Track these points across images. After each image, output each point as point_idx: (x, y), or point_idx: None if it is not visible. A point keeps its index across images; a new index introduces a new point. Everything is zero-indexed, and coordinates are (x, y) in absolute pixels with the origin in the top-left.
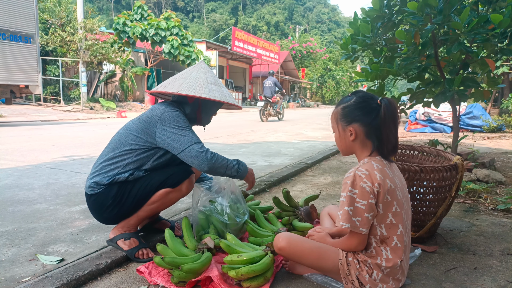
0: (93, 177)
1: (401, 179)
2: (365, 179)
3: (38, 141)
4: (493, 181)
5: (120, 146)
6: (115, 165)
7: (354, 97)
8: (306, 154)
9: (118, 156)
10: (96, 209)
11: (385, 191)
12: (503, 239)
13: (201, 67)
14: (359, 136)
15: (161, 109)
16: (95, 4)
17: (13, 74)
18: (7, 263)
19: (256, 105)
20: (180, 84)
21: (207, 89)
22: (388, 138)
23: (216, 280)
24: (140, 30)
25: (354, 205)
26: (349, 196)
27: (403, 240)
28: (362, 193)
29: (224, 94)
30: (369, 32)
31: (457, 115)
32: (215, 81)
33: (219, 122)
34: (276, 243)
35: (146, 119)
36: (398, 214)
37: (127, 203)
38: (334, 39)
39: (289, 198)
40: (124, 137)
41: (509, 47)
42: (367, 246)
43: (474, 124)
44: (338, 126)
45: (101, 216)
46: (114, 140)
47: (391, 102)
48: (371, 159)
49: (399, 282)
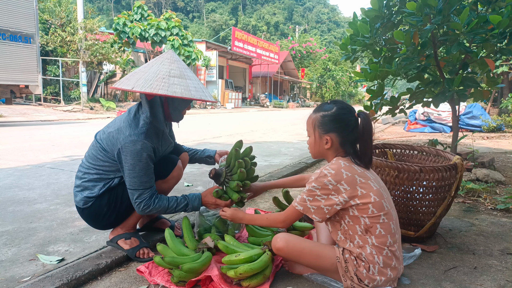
0: (82, 191)
1: (372, 173)
2: (330, 178)
3: (38, 141)
4: (493, 180)
5: (98, 160)
6: (99, 175)
7: (334, 107)
8: (306, 154)
9: (100, 168)
10: (93, 219)
11: (354, 186)
12: (502, 238)
13: (166, 57)
14: (334, 145)
15: (123, 139)
16: (95, 4)
17: (13, 74)
18: (7, 263)
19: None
20: (137, 79)
21: (167, 83)
22: (365, 152)
23: (216, 279)
24: (140, 31)
25: (314, 197)
26: (310, 189)
27: (388, 228)
28: (323, 189)
29: (189, 88)
30: (368, 33)
31: (456, 115)
32: (180, 72)
33: (219, 122)
34: (274, 244)
35: (112, 140)
36: (378, 204)
37: (122, 206)
38: (333, 39)
39: (289, 198)
40: (99, 152)
41: (509, 47)
42: (350, 236)
43: (474, 124)
44: (315, 132)
45: (99, 224)
46: (91, 155)
47: (368, 116)
48: (339, 158)
49: (397, 271)
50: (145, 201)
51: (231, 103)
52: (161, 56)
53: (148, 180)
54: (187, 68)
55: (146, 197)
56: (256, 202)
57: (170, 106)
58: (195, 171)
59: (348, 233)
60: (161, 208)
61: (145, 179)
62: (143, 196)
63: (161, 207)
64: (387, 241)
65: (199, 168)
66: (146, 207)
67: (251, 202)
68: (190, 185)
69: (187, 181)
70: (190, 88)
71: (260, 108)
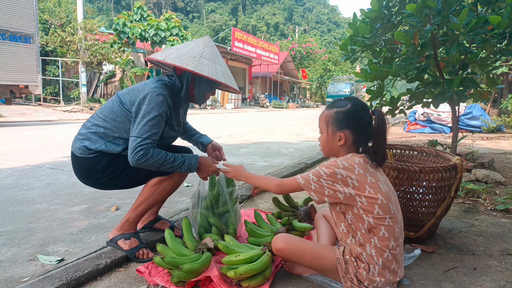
0: (83, 140)
1: (383, 174)
2: (341, 169)
3: (38, 141)
4: (492, 181)
5: (112, 113)
6: (106, 133)
7: (349, 103)
8: (305, 154)
9: (110, 127)
10: (83, 173)
11: (363, 184)
12: (502, 239)
13: (202, 41)
14: (347, 142)
15: (149, 89)
16: (95, 5)
17: (13, 74)
18: (7, 263)
19: (255, 106)
20: (170, 53)
21: (197, 62)
22: (379, 150)
23: (216, 280)
24: (140, 31)
25: (319, 179)
26: (318, 171)
27: (392, 231)
28: (331, 176)
29: (217, 71)
30: (368, 33)
31: (456, 115)
32: (212, 57)
33: (219, 123)
34: (274, 244)
35: (135, 92)
36: (385, 206)
37: (117, 179)
38: (333, 40)
39: (289, 198)
40: (116, 105)
41: (508, 47)
42: (353, 231)
43: (473, 125)
44: (328, 129)
45: (87, 180)
46: (107, 107)
47: (383, 114)
48: (354, 154)
49: (396, 275)
50: (145, 149)
51: (231, 103)
52: (197, 39)
53: (155, 133)
54: (219, 55)
55: (147, 145)
56: (256, 203)
57: (195, 87)
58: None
59: (351, 227)
60: (158, 157)
61: (154, 131)
62: (145, 143)
63: (159, 157)
64: (389, 244)
65: None
66: (144, 155)
67: (250, 202)
68: (190, 186)
69: (186, 181)
70: (217, 72)
71: (260, 109)
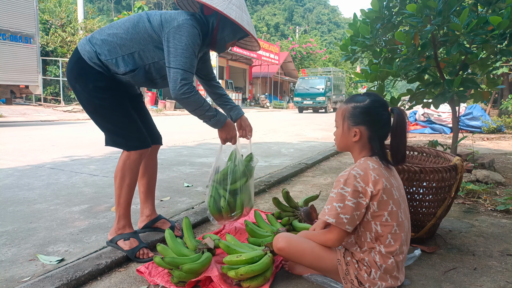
0: (96, 45)
1: (397, 179)
2: (359, 179)
3: (38, 141)
4: (493, 182)
5: (135, 27)
6: (123, 45)
7: (367, 99)
8: (306, 154)
9: (129, 39)
10: (75, 77)
11: (380, 190)
12: (502, 239)
13: None
14: (363, 138)
15: (183, 19)
16: (95, 5)
17: (13, 74)
18: (7, 263)
19: (256, 106)
20: None
21: (226, 5)
22: (399, 148)
23: (216, 280)
24: None
25: (345, 203)
26: (340, 193)
27: (399, 239)
28: (353, 192)
29: (243, 19)
30: (368, 34)
31: (456, 116)
32: (240, 4)
33: None
34: (276, 244)
35: (167, 17)
36: (394, 213)
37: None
38: (334, 40)
39: (289, 198)
40: (143, 22)
41: (509, 48)
42: (360, 242)
43: (474, 125)
44: (344, 123)
45: (79, 84)
46: (132, 20)
47: (403, 112)
48: (367, 159)
49: (397, 280)
50: (190, 84)
51: None
52: None
53: (193, 66)
54: (246, 6)
55: (191, 83)
56: (256, 203)
57: (219, 33)
58: (195, 172)
59: (360, 239)
60: (199, 99)
61: (193, 64)
62: (189, 80)
63: (200, 99)
64: (394, 251)
65: (199, 168)
66: (190, 91)
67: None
68: (190, 186)
69: (187, 181)
70: (243, 20)
71: (260, 109)
